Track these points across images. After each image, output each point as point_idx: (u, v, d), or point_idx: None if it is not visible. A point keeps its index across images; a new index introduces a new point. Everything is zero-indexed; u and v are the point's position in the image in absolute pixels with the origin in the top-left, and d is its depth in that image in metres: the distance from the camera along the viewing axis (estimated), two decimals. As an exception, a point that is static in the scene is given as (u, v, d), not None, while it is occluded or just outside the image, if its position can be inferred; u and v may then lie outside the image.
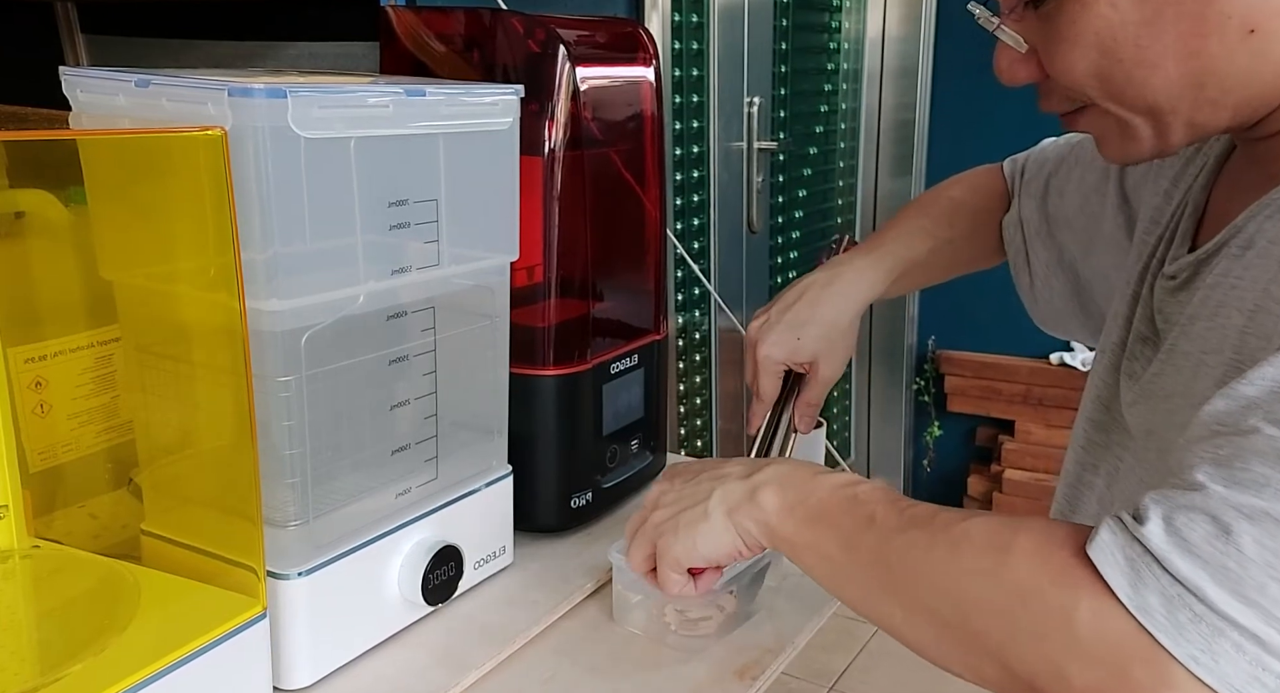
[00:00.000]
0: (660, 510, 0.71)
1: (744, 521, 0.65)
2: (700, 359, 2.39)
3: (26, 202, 0.72)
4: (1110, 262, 0.83)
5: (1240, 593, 0.45)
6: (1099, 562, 0.48)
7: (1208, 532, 0.46)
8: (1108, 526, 0.49)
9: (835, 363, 0.88)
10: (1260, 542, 0.45)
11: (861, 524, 0.59)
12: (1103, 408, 0.76)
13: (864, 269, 0.88)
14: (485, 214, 0.82)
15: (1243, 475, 0.46)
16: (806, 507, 0.63)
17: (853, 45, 2.92)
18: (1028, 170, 0.93)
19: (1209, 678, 0.45)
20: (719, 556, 0.68)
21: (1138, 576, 0.47)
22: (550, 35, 0.89)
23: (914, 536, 0.56)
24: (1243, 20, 0.56)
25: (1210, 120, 0.60)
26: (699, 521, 0.67)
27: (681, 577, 0.71)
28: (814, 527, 0.62)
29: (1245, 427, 0.48)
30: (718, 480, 0.68)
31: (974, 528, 0.54)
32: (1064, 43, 0.60)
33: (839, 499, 0.62)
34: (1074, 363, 2.82)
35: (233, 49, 1.15)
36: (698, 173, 2.27)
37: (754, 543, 0.66)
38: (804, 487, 0.64)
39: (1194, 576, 0.45)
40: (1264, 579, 0.44)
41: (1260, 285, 0.57)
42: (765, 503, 0.64)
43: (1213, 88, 0.58)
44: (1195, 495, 0.47)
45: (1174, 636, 0.45)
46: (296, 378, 0.69)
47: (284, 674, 0.72)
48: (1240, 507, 0.46)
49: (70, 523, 0.77)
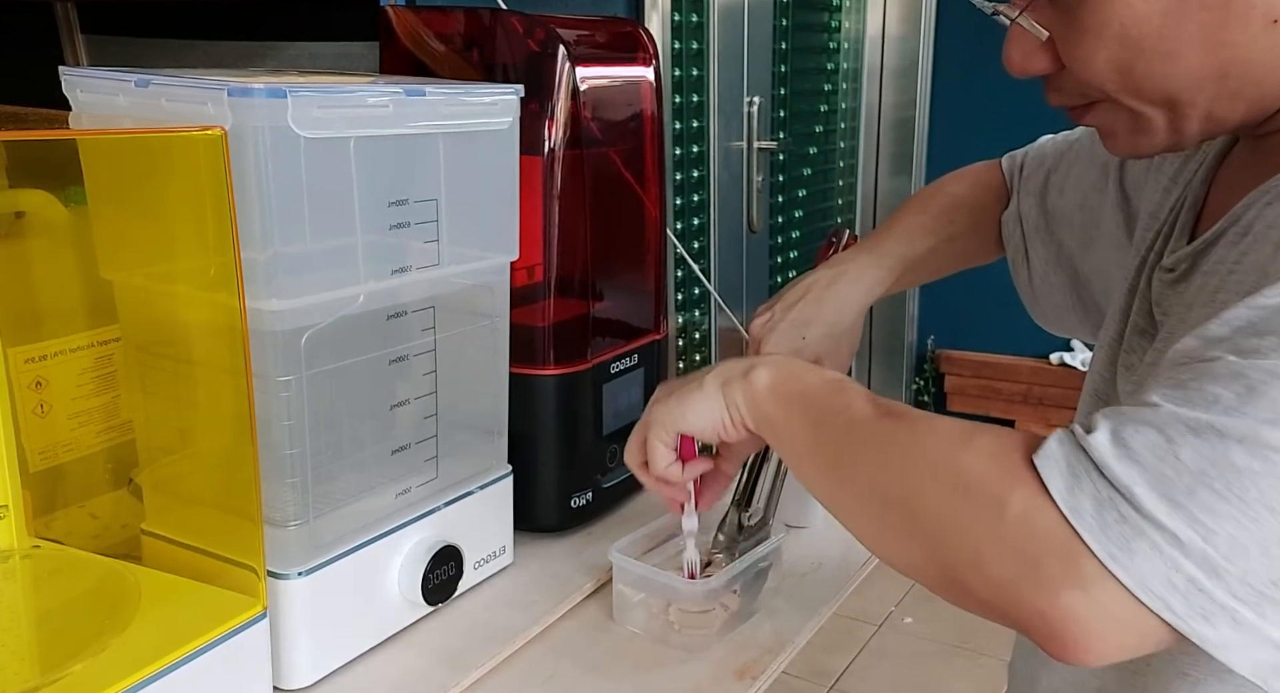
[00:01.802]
0: (660, 391, 0.73)
1: (734, 393, 0.67)
2: (700, 359, 2.39)
3: (26, 202, 0.72)
4: (1110, 258, 0.83)
5: (1169, 497, 0.45)
6: (1041, 466, 0.49)
7: (1151, 441, 0.47)
8: (1057, 436, 0.50)
9: (839, 361, 0.88)
10: (1199, 451, 0.46)
11: (838, 408, 0.61)
12: (1100, 402, 0.76)
13: (867, 267, 0.88)
14: (485, 214, 0.82)
15: (1195, 395, 0.47)
16: (792, 387, 0.65)
17: (852, 44, 2.93)
18: (1027, 167, 0.93)
19: (1122, 575, 0.46)
20: (704, 425, 0.69)
21: (1075, 480, 0.48)
22: (550, 35, 0.89)
23: (882, 423, 0.58)
24: (1266, 10, 0.56)
25: (1226, 114, 0.60)
26: (693, 390, 0.69)
27: (669, 452, 0.72)
28: (793, 405, 0.64)
29: (1208, 357, 0.49)
30: (721, 363, 0.70)
31: (940, 423, 0.55)
32: (1085, 33, 0.59)
33: (825, 388, 0.64)
34: (1074, 363, 2.82)
35: (233, 49, 1.15)
36: (698, 173, 2.27)
37: (738, 419, 0.67)
38: (796, 372, 0.66)
39: (1129, 479, 0.46)
40: (1195, 485, 0.45)
41: (1258, 268, 0.57)
42: (756, 380, 0.66)
43: (1234, 79, 0.58)
44: (1146, 411, 0.48)
45: (1096, 533, 0.46)
46: (296, 378, 0.69)
47: (284, 674, 0.72)
48: (1187, 421, 0.47)
49: (70, 523, 0.77)
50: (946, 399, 3.03)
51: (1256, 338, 0.48)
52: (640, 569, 0.82)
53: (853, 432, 0.59)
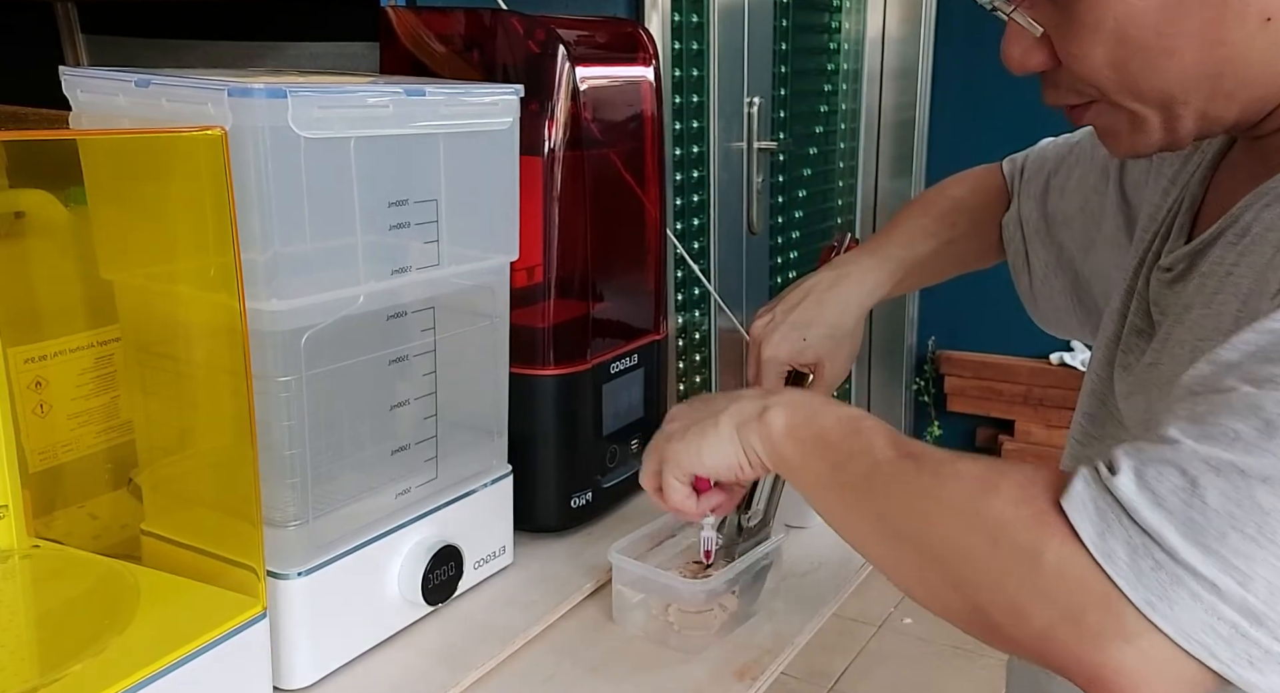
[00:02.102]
0: (674, 423, 0.72)
1: (750, 436, 0.67)
2: (700, 359, 2.39)
3: (26, 202, 0.72)
4: (1110, 261, 0.83)
5: (1202, 543, 0.45)
6: (1070, 511, 0.49)
7: (1175, 484, 0.47)
8: (1082, 476, 0.50)
9: (840, 364, 0.88)
10: (1225, 494, 0.45)
11: (858, 450, 0.61)
12: (1098, 402, 0.76)
13: (869, 270, 0.88)
14: (485, 214, 0.82)
15: (1214, 430, 0.47)
16: (810, 429, 0.64)
17: (853, 45, 2.93)
18: (1027, 170, 0.93)
19: (1164, 624, 0.45)
20: (721, 468, 0.69)
21: (1106, 525, 0.47)
22: (550, 35, 0.89)
23: (905, 465, 0.58)
24: (1261, 8, 0.56)
25: (1221, 113, 0.60)
26: (708, 431, 0.69)
27: (685, 487, 0.72)
28: (811, 448, 0.64)
29: (1223, 387, 0.49)
30: (733, 400, 0.70)
31: (963, 467, 0.55)
32: (1082, 29, 0.59)
33: (843, 428, 0.63)
34: (1074, 363, 2.82)
35: (233, 49, 1.15)
36: (698, 173, 2.27)
37: (756, 461, 0.67)
38: (812, 411, 0.66)
39: (1159, 525, 0.46)
40: (1225, 529, 0.45)
41: (1256, 271, 0.57)
42: (772, 422, 0.66)
43: (1229, 78, 0.58)
44: (1166, 449, 0.48)
45: (1134, 582, 0.46)
46: (296, 378, 0.69)
47: (284, 674, 0.72)
48: (1208, 460, 0.46)
49: (70, 523, 0.77)
50: (946, 400, 3.03)
51: (1270, 365, 0.48)
52: (640, 570, 0.82)
53: (876, 476, 0.59)
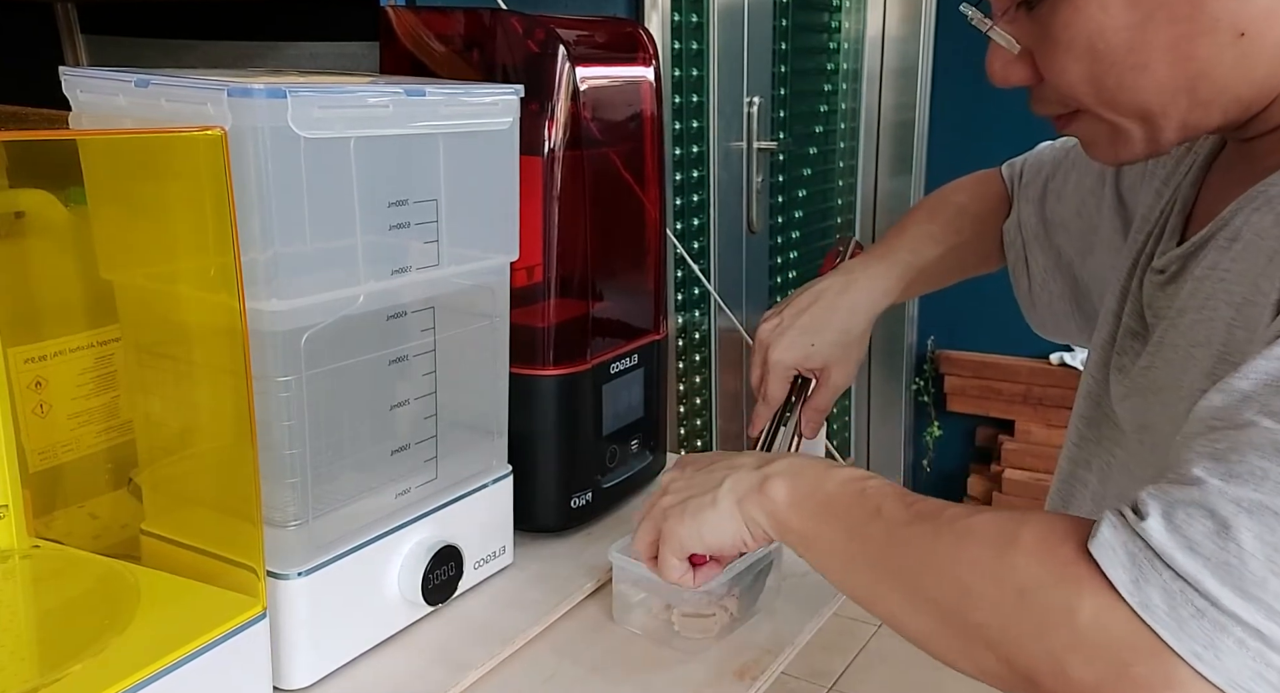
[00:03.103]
0: (670, 496, 0.71)
1: (752, 510, 0.65)
2: (700, 359, 2.39)
3: (26, 202, 0.72)
4: (1107, 264, 0.83)
5: (1241, 589, 0.44)
6: (1101, 558, 0.48)
7: (1207, 528, 0.46)
8: (1109, 521, 0.49)
9: (847, 370, 0.88)
10: (1260, 537, 0.45)
11: (868, 516, 0.59)
12: (1094, 404, 0.76)
13: (878, 276, 0.88)
14: (485, 214, 0.82)
15: (1239, 469, 0.46)
16: (815, 499, 0.63)
17: (852, 45, 2.92)
18: (1025, 174, 0.93)
19: (1212, 675, 0.44)
20: (724, 544, 0.67)
21: (1140, 572, 0.46)
22: (550, 35, 0.89)
23: (920, 528, 0.56)
24: (1232, 23, 0.56)
25: (1202, 121, 0.60)
26: (707, 507, 0.67)
27: (682, 564, 0.70)
28: (821, 518, 0.62)
29: (1241, 421, 0.48)
30: (730, 470, 0.68)
31: (979, 523, 0.54)
32: (1057, 46, 0.60)
33: (848, 493, 0.62)
34: (1074, 363, 2.82)
35: (233, 49, 1.15)
36: (698, 173, 2.27)
37: (760, 534, 0.66)
38: (814, 480, 0.64)
39: (1195, 571, 0.45)
40: (1265, 574, 0.44)
41: (1249, 279, 0.58)
42: (775, 494, 0.64)
43: (1204, 90, 0.58)
44: (1194, 490, 0.47)
45: (1176, 632, 0.45)
46: (296, 378, 0.69)
47: (284, 674, 0.72)
48: (1239, 501, 0.45)
49: (70, 523, 0.77)
50: (946, 400, 3.03)
51: None
52: (640, 569, 0.82)
53: (891, 543, 0.57)
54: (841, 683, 2.33)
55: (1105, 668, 0.47)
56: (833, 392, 0.88)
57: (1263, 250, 0.57)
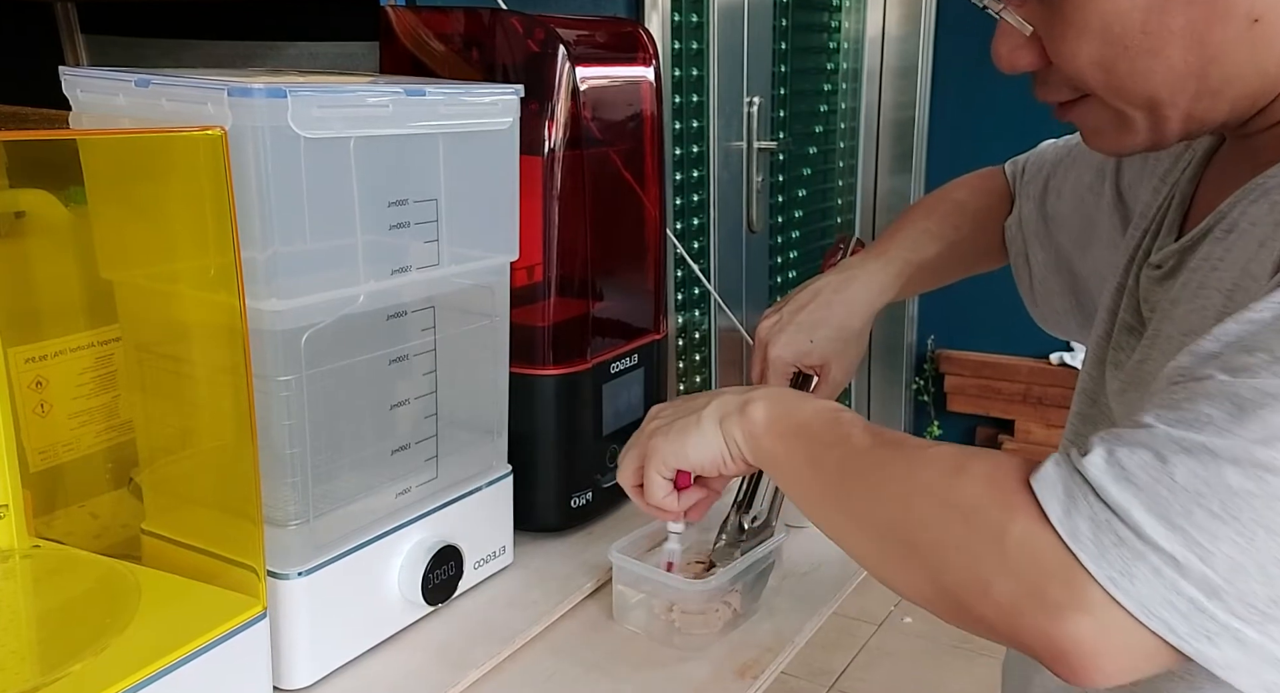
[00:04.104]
0: (656, 421, 0.73)
1: (732, 429, 0.68)
2: (700, 359, 2.39)
3: (26, 202, 0.72)
4: (1106, 261, 0.83)
5: (1166, 519, 0.46)
6: (1038, 489, 0.49)
7: (1144, 461, 0.47)
8: (1053, 458, 0.50)
9: (846, 367, 0.88)
10: (1194, 472, 0.46)
11: (835, 441, 0.62)
12: (1090, 401, 0.76)
13: (876, 273, 0.88)
14: (485, 214, 0.82)
15: (1188, 415, 0.48)
16: (789, 422, 0.65)
17: (852, 45, 2.92)
18: (1027, 171, 0.93)
19: (1124, 599, 0.46)
20: (704, 462, 0.69)
21: (1072, 502, 0.48)
22: (550, 35, 0.89)
23: (880, 453, 0.59)
24: (1248, 9, 0.56)
25: (1208, 113, 0.60)
26: (691, 426, 0.70)
27: (666, 484, 0.72)
28: (791, 440, 0.64)
29: (1200, 374, 0.49)
30: (714, 396, 0.71)
31: (935, 452, 0.56)
32: (1070, 29, 0.60)
33: (821, 419, 0.64)
34: (1074, 363, 2.82)
35: (232, 49, 1.15)
36: (698, 173, 2.27)
37: (738, 455, 0.68)
38: (792, 405, 0.67)
39: (1125, 501, 0.47)
40: (1191, 506, 0.45)
41: (1240, 265, 0.58)
42: (754, 415, 0.67)
43: (1215, 78, 0.58)
44: (1140, 432, 0.48)
45: (1096, 558, 0.47)
46: (296, 378, 0.69)
47: (284, 674, 0.72)
48: (1180, 441, 0.47)
49: (70, 523, 0.77)
50: (946, 399, 3.03)
51: (1246, 355, 0.48)
52: (640, 569, 0.82)
53: (851, 462, 0.60)
54: (842, 682, 2.33)
55: (1024, 588, 0.49)
56: (833, 388, 0.89)
57: (1254, 237, 0.57)
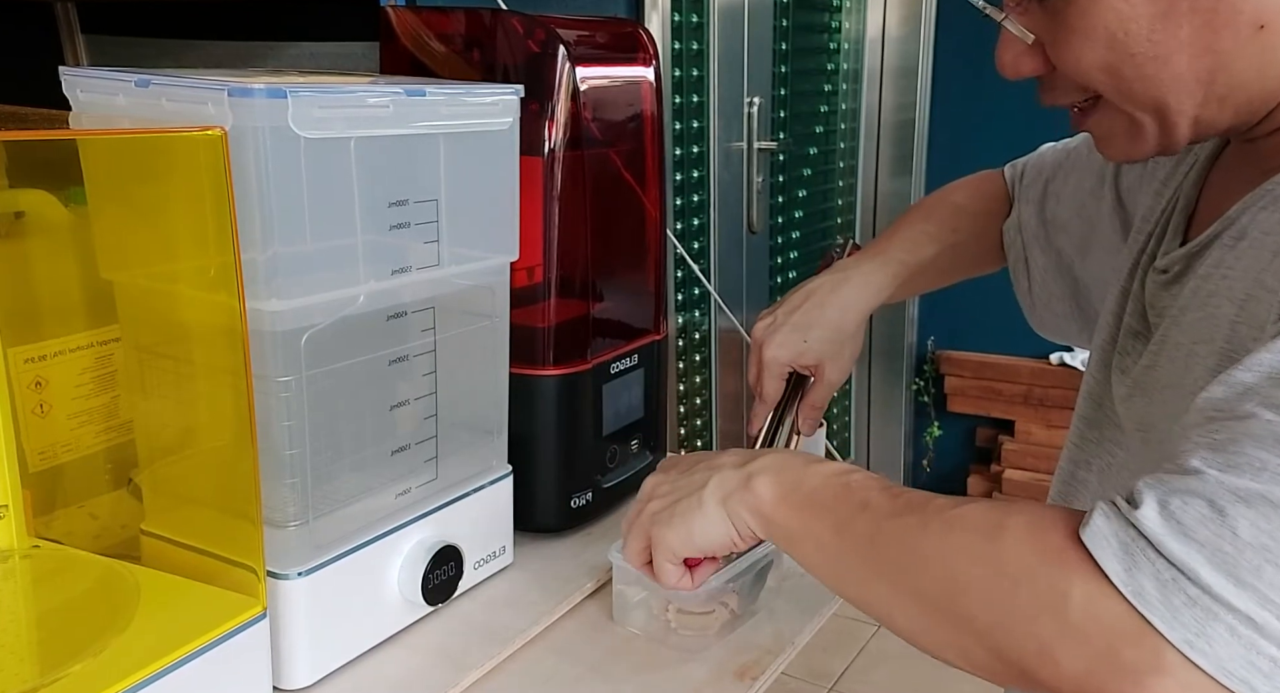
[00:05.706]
0: (655, 501, 0.70)
1: (738, 509, 0.65)
2: (700, 359, 2.39)
3: (26, 202, 0.72)
4: (1107, 265, 0.83)
5: (1235, 576, 0.44)
6: (1093, 546, 0.47)
7: (1202, 515, 0.45)
8: (1101, 510, 0.48)
9: (841, 366, 0.88)
10: (1256, 525, 0.44)
11: (855, 510, 0.59)
12: (1095, 405, 0.76)
13: (871, 273, 0.88)
14: (485, 214, 0.82)
15: (1238, 459, 0.46)
16: (800, 494, 0.62)
17: (853, 45, 2.92)
18: (1027, 175, 0.93)
19: (1203, 662, 0.44)
20: (714, 545, 0.67)
21: (1132, 559, 0.46)
22: (550, 35, 0.89)
23: (907, 519, 0.56)
24: (1253, 16, 0.56)
25: (1215, 118, 0.60)
26: (694, 510, 0.67)
27: (678, 568, 0.70)
28: (807, 513, 0.61)
29: (1241, 412, 0.48)
30: (712, 470, 0.67)
31: (966, 512, 0.54)
32: (1073, 35, 0.60)
33: (833, 487, 0.61)
34: (1074, 363, 2.82)
35: (233, 49, 1.15)
36: (698, 173, 2.27)
37: (748, 532, 0.65)
38: (798, 475, 0.63)
39: (1189, 559, 0.45)
40: (1259, 562, 0.44)
41: (1252, 275, 0.57)
42: (760, 491, 0.64)
43: (1221, 84, 0.58)
44: (1191, 480, 0.47)
45: (1168, 619, 0.45)
46: (296, 378, 0.69)
47: (284, 674, 0.72)
48: (1236, 490, 0.45)
49: (70, 523, 0.77)
50: (947, 400, 3.03)
51: None
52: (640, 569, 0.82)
53: (878, 536, 0.57)
54: (841, 684, 2.33)
55: (1096, 655, 0.47)
56: (828, 388, 0.88)
57: (1267, 247, 0.57)
